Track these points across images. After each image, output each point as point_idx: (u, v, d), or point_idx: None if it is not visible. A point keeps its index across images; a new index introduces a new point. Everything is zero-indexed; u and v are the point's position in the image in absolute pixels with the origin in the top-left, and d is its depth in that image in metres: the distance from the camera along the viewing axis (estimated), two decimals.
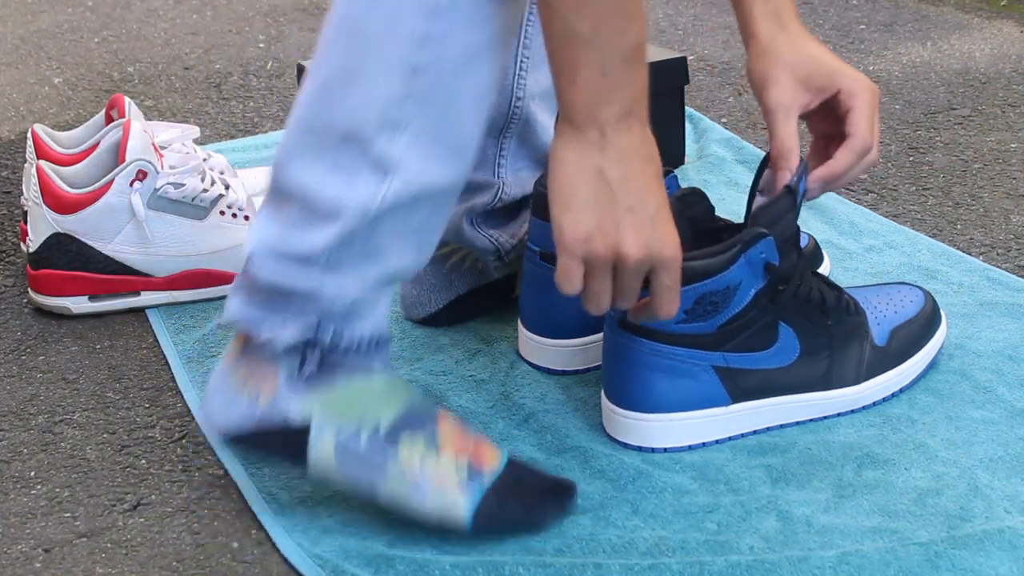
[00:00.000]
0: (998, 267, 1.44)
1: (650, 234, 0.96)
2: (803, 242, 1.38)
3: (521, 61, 1.26)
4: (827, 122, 1.17)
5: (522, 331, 1.29)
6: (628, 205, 0.95)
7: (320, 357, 1.02)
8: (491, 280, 1.36)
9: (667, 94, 1.69)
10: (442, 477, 1.02)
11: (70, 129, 1.62)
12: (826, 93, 1.15)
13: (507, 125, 1.28)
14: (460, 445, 1.04)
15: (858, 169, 1.15)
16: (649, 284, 0.99)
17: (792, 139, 1.13)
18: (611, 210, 0.95)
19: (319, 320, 1.02)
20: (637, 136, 0.97)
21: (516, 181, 1.32)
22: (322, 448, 1.02)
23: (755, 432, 1.16)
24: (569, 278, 0.97)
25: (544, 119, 1.31)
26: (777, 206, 1.11)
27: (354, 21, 0.96)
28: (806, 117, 1.17)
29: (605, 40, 0.93)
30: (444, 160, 0.99)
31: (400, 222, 1.00)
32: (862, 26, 2.28)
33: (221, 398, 1.05)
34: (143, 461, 1.18)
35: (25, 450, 1.20)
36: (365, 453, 1.02)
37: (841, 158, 1.14)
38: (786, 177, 1.13)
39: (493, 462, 1.04)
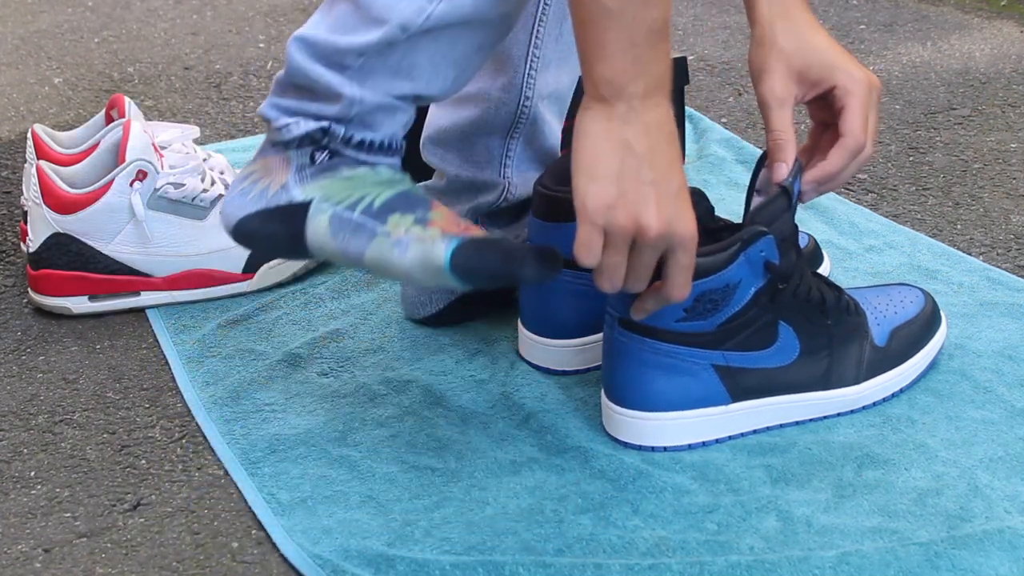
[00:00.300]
0: (998, 267, 1.44)
1: (672, 210, 0.97)
2: (803, 242, 1.38)
3: (532, 60, 1.26)
4: (825, 111, 1.16)
5: (522, 331, 1.29)
6: (652, 179, 0.96)
7: (329, 154, 1.06)
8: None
9: None
10: (426, 236, 1.03)
11: (70, 129, 1.62)
12: (821, 88, 1.14)
13: (515, 124, 1.29)
14: (449, 223, 1.05)
15: (852, 168, 1.14)
16: (661, 269, 1.00)
17: (787, 131, 1.13)
18: (636, 182, 0.96)
19: (333, 120, 1.05)
20: (664, 112, 0.98)
21: (522, 182, 1.32)
22: (319, 220, 1.05)
23: (755, 432, 1.16)
24: (589, 247, 0.97)
25: (551, 121, 1.31)
26: (773, 206, 1.11)
27: None
28: (807, 103, 1.17)
29: (632, 14, 0.94)
30: None
31: (442, 47, 1.03)
32: (862, 26, 2.28)
33: (237, 192, 1.09)
34: (143, 461, 1.18)
35: (25, 450, 1.20)
36: (357, 222, 1.05)
37: (834, 159, 1.14)
38: (782, 170, 1.12)
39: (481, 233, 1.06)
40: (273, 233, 1.07)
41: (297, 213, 1.06)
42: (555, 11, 1.24)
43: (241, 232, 1.09)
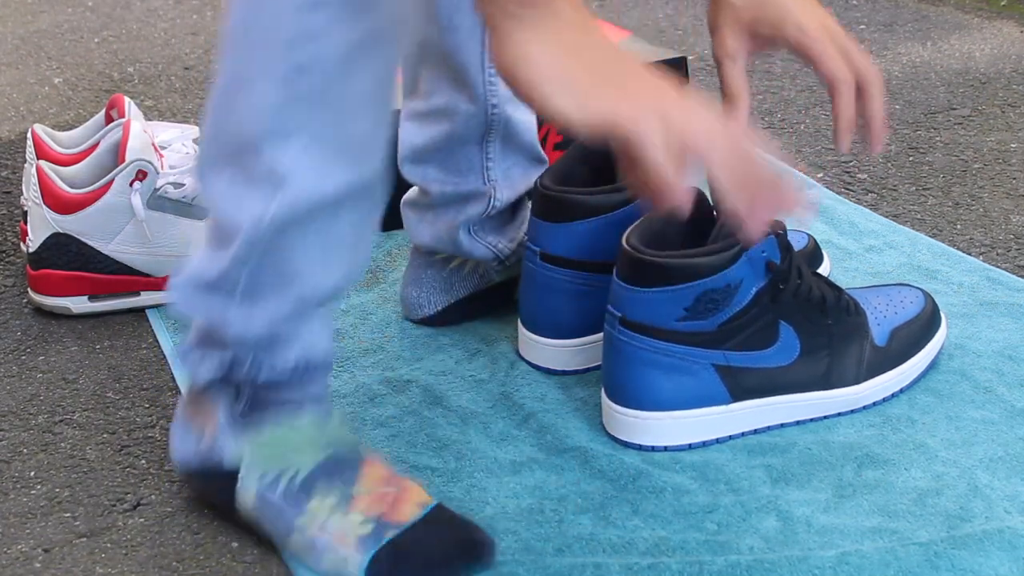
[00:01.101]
0: (998, 267, 1.44)
1: (668, 90, 0.85)
2: (803, 242, 1.38)
3: (488, 67, 1.24)
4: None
5: (522, 331, 1.29)
6: (619, 57, 0.86)
7: (250, 392, 1.01)
8: (492, 284, 1.36)
9: None
10: (343, 534, 0.99)
11: (70, 129, 1.62)
12: (775, 42, 1.08)
13: (488, 131, 1.28)
14: (375, 498, 1.01)
15: (876, 100, 1.07)
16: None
17: (739, 86, 1.08)
18: (616, 69, 0.84)
19: (234, 353, 1.00)
20: (583, 9, 0.85)
21: (507, 184, 1.31)
22: (246, 495, 1.03)
23: (755, 431, 1.16)
24: (662, 165, 0.82)
25: (524, 117, 1.30)
26: (726, 229, 1.10)
27: (241, 25, 0.92)
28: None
29: None
30: (342, 165, 0.93)
31: (311, 237, 0.95)
32: (862, 26, 2.28)
33: (178, 431, 1.07)
34: (143, 461, 1.17)
35: (25, 450, 1.20)
36: (279, 504, 1.01)
37: (840, 107, 1.06)
38: (739, 122, 1.08)
39: (409, 514, 1.00)
40: (209, 492, 1.06)
41: (228, 480, 1.03)
42: None
43: (186, 480, 1.08)
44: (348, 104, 0.91)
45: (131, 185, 1.39)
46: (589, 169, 1.27)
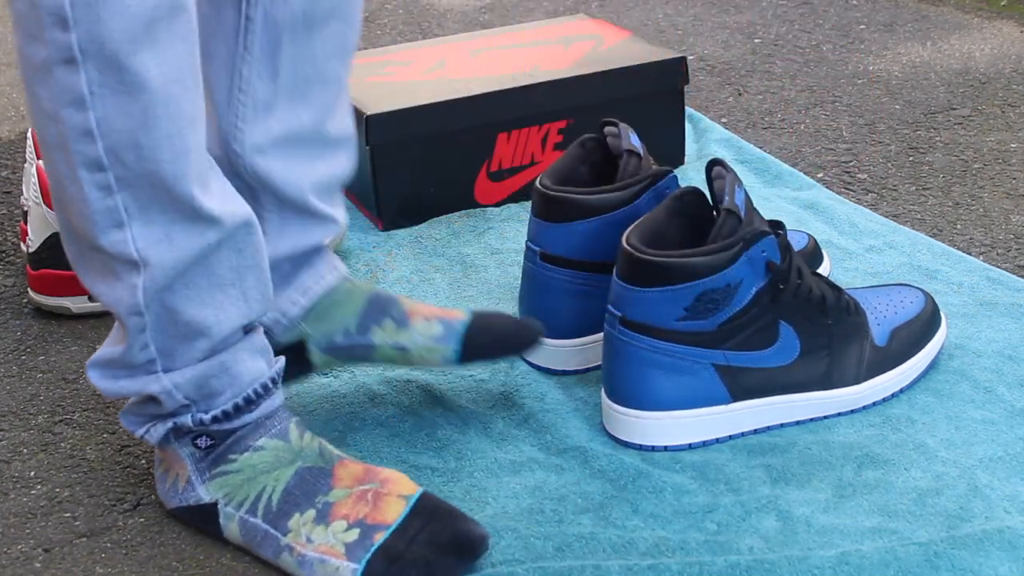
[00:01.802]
0: (998, 267, 1.44)
1: None
2: (803, 242, 1.38)
3: (238, 107, 1.10)
4: None
5: None
6: None
7: (207, 442, 1.04)
8: (280, 345, 1.18)
9: (667, 94, 1.69)
10: (329, 546, 1.00)
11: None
12: None
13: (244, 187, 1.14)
14: (355, 499, 1.02)
15: None
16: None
17: None
18: None
19: (173, 411, 1.03)
20: None
21: (281, 239, 1.16)
22: (231, 527, 1.04)
23: (755, 431, 1.16)
24: None
25: (278, 168, 1.12)
26: (725, 227, 1.10)
27: (38, 129, 0.95)
28: None
29: None
30: (186, 224, 0.96)
31: (190, 291, 0.99)
32: (862, 26, 2.28)
33: (160, 476, 1.09)
34: (143, 461, 1.17)
35: (25, 450, 1.20)
36: (262, 527, 1.03)
37: None
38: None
39: (394, 512, 1.00)
40: (201, 528, 1.07)
41: (210, 514, 1.05)
42: (264, 41, 1.08)
43: (172, 514, 1.09)
44: (161, 165, 0.94)
45: None
46: (589, 169, 1.27)
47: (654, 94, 1.68)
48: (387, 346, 1.15)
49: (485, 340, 1.15)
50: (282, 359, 1.08)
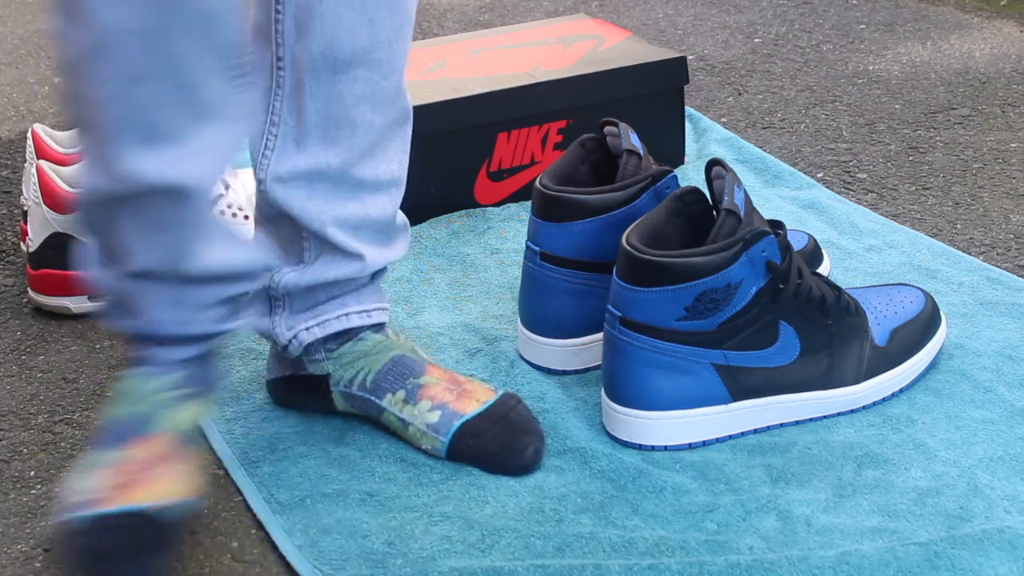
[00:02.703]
0: (998, 267, 1.44)
1: None
2: (803, 242, 1.38)
3: (269, 140, 1.13)
4: None
5: (522, 331, 1.29)
6: None
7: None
8: (308, 373, 1.20)
9: (667, 94, 1.69)
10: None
11: (70, 129, 1.62)
12: None
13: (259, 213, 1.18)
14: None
15: None
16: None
17: None
18: None
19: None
20: None
21: (309, 266, 1.17)
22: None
23: (755, 431, 1.16)
24: None
25: (301, 202, 1.14)
26: (724, 227, 1.10)
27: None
28: None
29: None
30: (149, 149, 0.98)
31: (141, 222, 1.01)
32: (862, 26, 2.28)
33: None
34: None
35: (25, 450, 1.20)
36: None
37: None
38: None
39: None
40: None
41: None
42: (291, 81, 1.11)
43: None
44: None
45: None
46: (589, 169, 1.27)
47: (654, 94, 1.68)
48: (393, 415, 1.16)
49: (470, 450, 1.14)
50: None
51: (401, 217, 1.21)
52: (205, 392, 1.10)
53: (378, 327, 1.20)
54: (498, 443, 1.13)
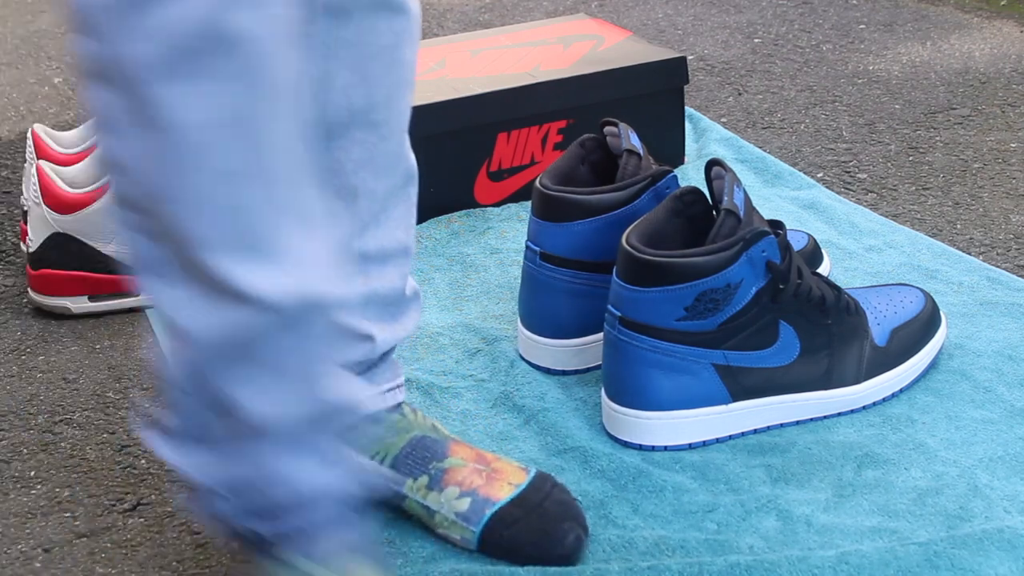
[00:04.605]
0: (998, 267, 1.44)
1: None
2: (803, 242, 1.38)
3: None
4: None
5: (522, 331, 1.29)
6: None
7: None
8: None
9: (667, 94, 1.69)
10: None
11: (70, 129, 1.62)
12: None
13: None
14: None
15: None
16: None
17: None
18: None
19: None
20: None
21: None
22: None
23: (755, 431, 1.16)
24: None
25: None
26: (724, 227, 1.10)
27: None
28: None
29: None
30: (208, 299, 0.81)
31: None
32: (862, 26, 2.28)
33: None
34: (143, 461, 1.17)
35: (25, 450, 1.20)
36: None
37: None
38: None
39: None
40: None
41: None
42: None
43: None
44: (185, 220, 0.80)
45: None
46: (589, 169, 1.27)
47: (654, 94, 1.68)
48: (416, 503, 1.05)
49: (504, 541, 1.02)
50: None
51: (411, 286, 1.10)
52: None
53: (395, 404, 1.09)
54: (535, 533, 1.02)
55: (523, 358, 1.29)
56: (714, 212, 1.15)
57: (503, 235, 1.55)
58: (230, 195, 0.79)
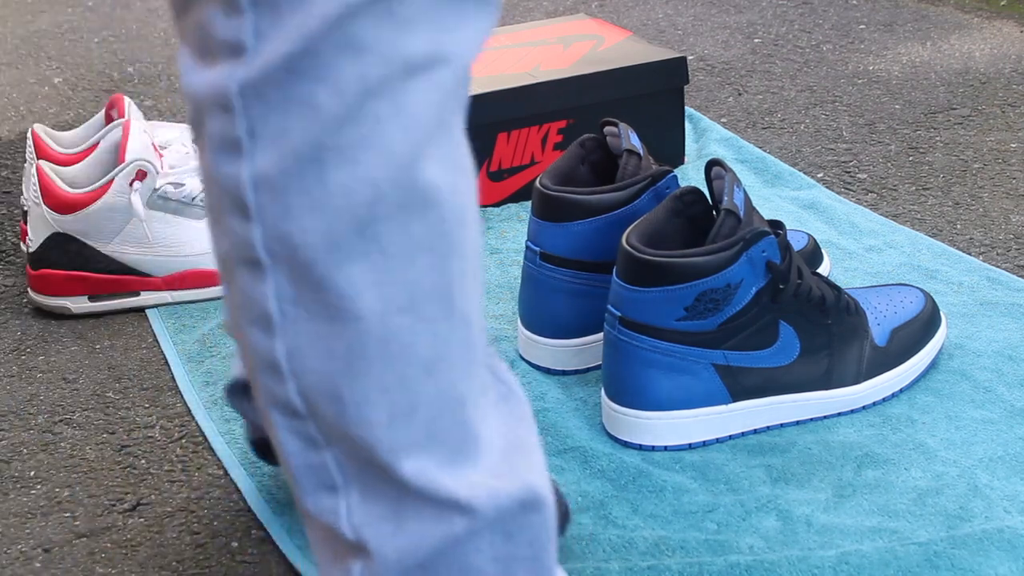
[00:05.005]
0: (998, 267, 1.44)
1: None
2: (803, 242, 1.38)
3: None
4: None
5: (522, 331, 1.29)
6: None
7: None
8: None
9: (667, 94, 1.69)
10: None
11: (70, 129, 1.62)
12: None
13: None
14: None
15: None
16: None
17: None
18: None
19: None
20: None
21: None
22: None
23: (755, 431, 1.16)
24: None
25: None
26: (724, 227, 1.10)
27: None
28: None
29: None
30: (415, 510, 0.71)
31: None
32: (862, 26, 2.28)
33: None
34: (143, 461, 1.18)
35: (25, 450, 1.20)
36: None
37: None
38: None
39: None
40: None
41: None
42: None
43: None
44: (372, 424, 0.69)
45: (131, 185, 1.39)
46: (589, 169, 1.27)
47: (654, 94, 1.68)
48: None
49: None
50: None
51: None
52: None
53: None
54: None
55: (523, 358, 1.29)
56: (714, 212, 1.15)
57: (503, 235, 1.55)
58: (418, 388, 0.68)
